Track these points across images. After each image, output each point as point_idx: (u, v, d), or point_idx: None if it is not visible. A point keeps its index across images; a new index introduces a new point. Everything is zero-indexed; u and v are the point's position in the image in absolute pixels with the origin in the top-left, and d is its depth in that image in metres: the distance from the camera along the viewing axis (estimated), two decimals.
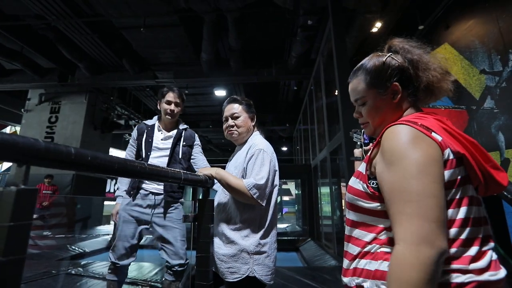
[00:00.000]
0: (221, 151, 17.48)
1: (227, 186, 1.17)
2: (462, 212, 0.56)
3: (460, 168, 0.56)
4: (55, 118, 7.96)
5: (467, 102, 3.54)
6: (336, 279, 2.95)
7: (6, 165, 10.27)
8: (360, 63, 0.76)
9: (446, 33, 4.00)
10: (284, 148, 15.54)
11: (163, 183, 1.84)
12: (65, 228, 6.64)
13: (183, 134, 1.94)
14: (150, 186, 1.85)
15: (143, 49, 6.43)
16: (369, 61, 0.72)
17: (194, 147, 2.00)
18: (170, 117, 1.89)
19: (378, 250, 0.60)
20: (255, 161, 1.19)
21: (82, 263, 3.56)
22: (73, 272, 3.01)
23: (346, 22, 4.81)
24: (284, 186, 18.49)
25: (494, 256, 0.57)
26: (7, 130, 10.90)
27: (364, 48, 5.52)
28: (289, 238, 6.11)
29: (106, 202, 9.90)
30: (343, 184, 4.55)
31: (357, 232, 0.66)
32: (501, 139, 3.01)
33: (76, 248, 4.83)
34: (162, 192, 1.84)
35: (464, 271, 0.53)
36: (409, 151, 0.55)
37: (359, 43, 5.46)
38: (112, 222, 9.03)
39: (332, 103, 4.65)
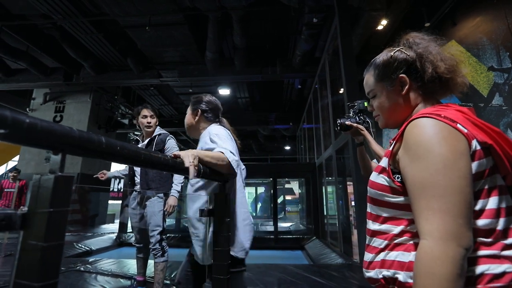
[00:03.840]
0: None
1: (209, 159, 1.09)
2: (493, 202, 0.55)
3: (488, 159, 0.56)
4: (60, 117, 8.01)
5: (474, 100, 3.52)
6: (344, 276, 2.95)
7: (10, 164, 10.34)
8: (374, 58, 0.78)
9: (453, 30, 3.97)
10: (288, 147, 15.54)
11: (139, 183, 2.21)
12: (73, 226, 6.69)
13: (154, 140, 2.25)
14: (137, 187, 2.23)
15: (148, 48, 6.45)
16: (380, 56, 0.75)
17: (166, 150, 2.25)
18: (148, 129, 2.24)
19: (410, 242, 0.60)
20: (215, 139, 1.23)
21: (90, 260, 3.58)
22: (81, 269, 3.03)
23: (352, 19, 4.80)
24: (287, 185, 18.49)
25: None
26: None
27: (370, 46, 5.50)
28: (293, 236, 6.13)
29: (110, 201, 9.96)
30: (349, 183, 4.55)
31: (384, 227, 0.65)
32: (510, 137, 2.98)
33: (83, 246, 4.86)
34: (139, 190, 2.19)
35: (501, 260, 0.52)
36: (435, 145, 0.54)
37: (365, 40, 5.44)
38: (116, 221, 9.08)
39: (338, 101, 4.64)
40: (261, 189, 18.13)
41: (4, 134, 0.45)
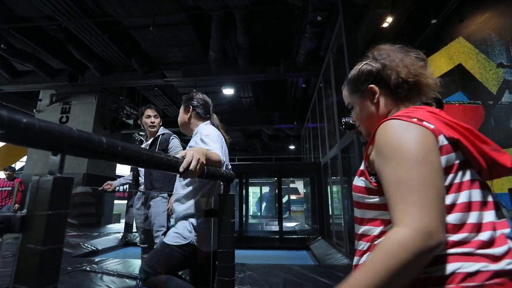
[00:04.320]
0: (229, 150, 17.49)
1: (211, 158, 1.12)
2: (464, 196, 0.56)
3: (457, 153, 0.58)
4: (66, 118, 8.08)
5: (483, 97, 3.44)
6: None
7: (19, 164, 10.48)
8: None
9: (461, 26, 3.90)
10: (292, 147, 15.49)
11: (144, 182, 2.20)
12: (81, 226, 6.75)
13: (158, 140, 2.24)
14: (142, 187, 2.22)
15: (152, 49, 6.46)
16: (352, 71, 0.81)
17: (170, 149, 2.24)
18: (151, 129, 2.24)
19: None
20: (206, 140, 1.30)
21: (96, 260, 3.60)
22: (87, 268, 3.04)
23: (356, 17, 4.74)
24: (291, 185, 18.44)
25: None
26: None
27: (375, 43, 5.41)
28: (298, 236, 6.09)
29: (116, 201, 10.04)
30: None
31: (365, 229, 0.67)
32: None
33: (89, 246, 4.90)
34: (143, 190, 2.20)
35: (475, 258, 0.51)
36: (404, 143, 0.56)
37: (370, 38, 5.37)
38: (122, 221, 9.14)
39: (343, 100, 4.59)
40: (265, 189, 18.11)
41: (0, 134, 0.44)
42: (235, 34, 5.81)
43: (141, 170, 2.23)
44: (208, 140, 1.28)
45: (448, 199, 0.55)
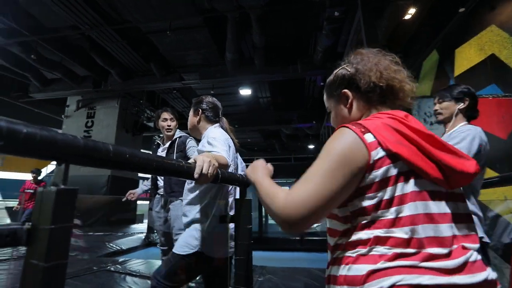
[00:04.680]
0: (247, 150, 17.56)
1: (216, 156, 1.11)
2: (409, 209, 0.55)
3: (397, 164, 0.58)
4: (91, 122, 8.44)
5: None
6: None
7: (50, 167, 11.09)
8: None
9: (492, 14, 3.61)
10: (311, 146, 15.24)
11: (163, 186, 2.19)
12: (105, 226, 7.02)
13: (176, 143, 2.23)
14: (161, 190, 2.22)
15: (170, 52, 6.59)
16: (330, 75, 0.82)
17: (188, 150, 2.20)
18: (168, 132, 2.23)
19: (340, 256, 0.61)
20: (213, 142, 1.28)
21: (120, 260, 3.70)
22: (112, 269, 3.13)
23: (376, 10, 4.54)
24: None
25: (475, 257, 0.54)
26: None
27: (396, 36, 5.19)
28: (320, 238, 5.94)
29: (139, 202, 10.34)
30: None
31: (328, 238, 0.69)
32: None
33: (114, 246, 5.06)
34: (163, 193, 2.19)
35: (420, 270, 0.51)
36: (331, 147, 0.60)
37: (391, 32, 5.14)
38: (145, 221, 9.41)
39: None
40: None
41: None
42: (250, 35, 5.79)
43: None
44: (215, 143, 1.27)
45: (391, 213, 0.56)
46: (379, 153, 0.58)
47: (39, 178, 5.34)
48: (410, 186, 0.57)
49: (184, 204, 1.36)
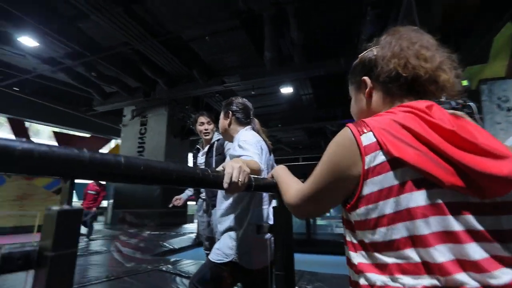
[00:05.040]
0: (292, 149, 17.32)
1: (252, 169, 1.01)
2: (419, 226, 0.47)
3: (401, 170, 0.49)
4: (144, 129, 9.12)
5: None
6: None
7: None
8: None
9: None
10: None
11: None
12: (159, 226, 7.53)
13: (214, 146, 2.21)
14: (203, 195, 2.20)
15: (210, 57, 6.78)
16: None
17: (226, 152, 2.17)
18: (206, 136, 2.22)
19: (353, 280, 0.57)
20: (244, 145, 1.21)
21: (171, 260, 3.87)
22: (163, 269, 3.27)
23: None
24: None
25: None
26: (112, 143, 13.11)
27: (456, 16, 4.52)
28: None
29: (189, 202, 10.87)
30: None
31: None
32: None
33: (167, 245, 5.36)
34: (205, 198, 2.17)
35: None
36: (329, 150, 0.60)
37: (449, 11, 4.50)
38: (195, 221, 9.86)
39: None
40: None
41: None
42: (288, 31, 5.63)
43: None
44: (246, 146, 1.19)
45: (395, 231, 0.49)
46: (377, 157, 0.51)
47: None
48: (421, 198, 0.48)
49: (218, 212, 1.31)
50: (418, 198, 0.48)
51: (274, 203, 1.24)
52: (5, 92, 8.48)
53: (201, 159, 2.28)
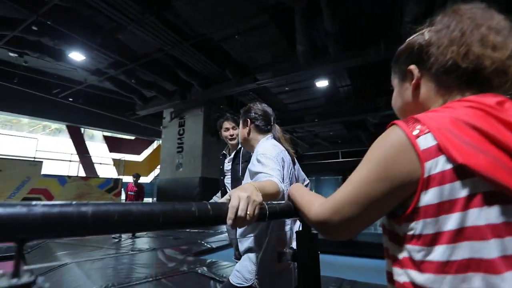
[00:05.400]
0: (330, 144, 16.68)
1: (268, 193, 0.86)
2: (490, 249, 0.40)
3: (469, 181, 0.41)
4: (183, 130, 9.47)
5: None
6: None
7: (156, 171, 13.09)
8: None
9: None
10: None
11: None
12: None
13: (241, 152, 2.09)
14: None
15: (241, 55, 6.73)
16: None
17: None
18: (232, 141, 2.12)
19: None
20: (262, 160, 1.07)
21: (208, 261, 3.92)
22: (199, 271, 3.31)
23: None
24: None
25: None
26: (154, 144, 13.94)
27: None
28: None
29: None
30: None
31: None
32: None
33: (206, 244, 5.48)
34: None
35: None
36: (372, 149, 0.51)
37: None
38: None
39: None
40: None
41: None
42: (322, 22, 5.31)
43: (228, 184, 2.16)
44: (265, 160, 1.05)
45: (458, 251, 0.41)
46: (439, 164, 0.44)
47: (138, 181, 5.99)
48: (493, 215, 0.41)
49: (238, 230, 1.21)
50: (489, 215, 0.41)
51: (298, 224, 1.10)
52: (63, 102, 9.46)
53: (227, 165, 2.19)
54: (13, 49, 6.54)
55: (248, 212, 0.66)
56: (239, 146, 2.18)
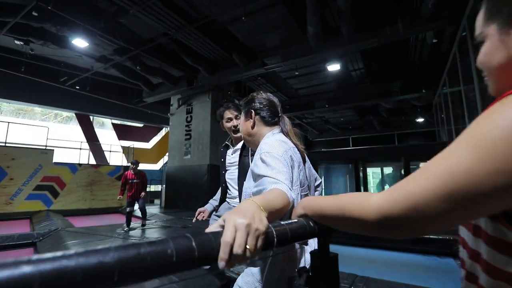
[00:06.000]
0: (340, 130, 16.30)
1: (275, 210, 0.69)
2: None
3: None
4: (190, 117, 9.33)
5: None
6: None
7: (165, 159, 13.14)
8: None
9: None
10: (420, 120, 12.77)
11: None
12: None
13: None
14: (233, 201, 1.89)
15: (249, 38, 6.41)
16: None
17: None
18: (235, 133, 1.91)
19: None
20: (267, 160, 0.90)
21: None
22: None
23: None
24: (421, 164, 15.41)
25: None
26: (163, 131, 13.91)
27: None
28: (440, 237, 4.74)
29: None
30: None
31: (467, 261, 0.49)
32: None
33: None
34: None
35: None
36: (480, 128, 0.37)
37: None
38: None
39: None
40: (388, 169, 15.87)
41: None
42: (334, 0, 4.93)
43: (232, 179, 1.96)
44: (270, 161, 0.88)
45: None
46: None
47: (138, 168, 5.49)
48: None
49: None
50: None
51: (313, 243, 0.92)
52: (70, 90, 9.42)
53: (232, 158, 1.96)
54: (17, 36, 6.44)
55: (248, 247, 0.49)
56: None
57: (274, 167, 0.85)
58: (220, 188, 2.05)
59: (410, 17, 5.13)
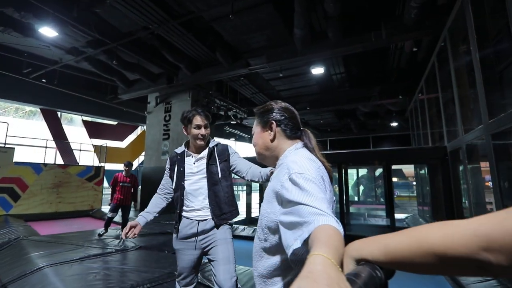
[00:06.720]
0: (319, 131, 16.60)
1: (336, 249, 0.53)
2: None
3: None
4: (169, 116, 8.94)
5: None
6: None
7: (141, 158, 12.53)
8: None
9: None
10: (394, 124, 13.31)
11: (208, 207, 1.73)
12: None
13: (215, 152, 1.81)
14: (193, 214, 1.74)
15: (234, 38, 6.23)
16: None
17: (231, 157, 1.83)
18: (202, 142, 1.77)
19: None
20: (302, 185, 0.73)
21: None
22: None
23: None
24: (394, 167, 16.10)
25: None
26: (138, 130, 13.26)
27: None
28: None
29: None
30: None
31: None
32: None
33: None
34: (208, 218, 1.73)
35: None
36: None
37: None
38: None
39: (491, 58, 3.19)
40: (363, 171, 16.40)
41: None
42: (321, 4, 4.91)
43: (194, 190, 1.73)
44: (306, 184, 0.72)
45: None
46: None
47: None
48: None
49: (255, 270, 0.90)
50: None
51: None
52: (35, 84, 8.62)
53: (195, 167, 1.77)
54: None
55: None
56: (211, 145, 1.82)
57: (311, 193, 0.71)
58: (154, 199, 1.89)
59: (393, 24, 5.25)
